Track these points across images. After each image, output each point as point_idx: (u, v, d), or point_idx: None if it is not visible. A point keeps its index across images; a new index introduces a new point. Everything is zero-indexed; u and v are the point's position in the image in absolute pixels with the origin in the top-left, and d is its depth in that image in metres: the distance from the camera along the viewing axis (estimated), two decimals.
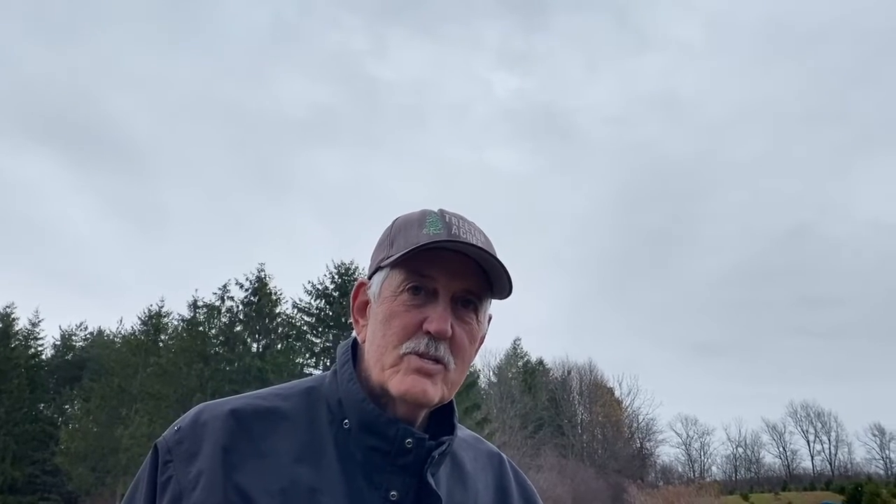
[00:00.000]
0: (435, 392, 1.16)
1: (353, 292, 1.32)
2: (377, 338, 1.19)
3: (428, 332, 1.15)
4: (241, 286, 46.31)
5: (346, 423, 1.18)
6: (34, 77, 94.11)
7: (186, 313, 47.09)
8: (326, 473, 1.13)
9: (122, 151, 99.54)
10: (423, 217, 1.24)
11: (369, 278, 1.27)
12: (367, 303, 1.27)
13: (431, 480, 1.16)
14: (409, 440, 1.14)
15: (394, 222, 1.29)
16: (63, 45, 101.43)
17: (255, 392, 1.26)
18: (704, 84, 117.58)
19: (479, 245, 1.16)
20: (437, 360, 1.16)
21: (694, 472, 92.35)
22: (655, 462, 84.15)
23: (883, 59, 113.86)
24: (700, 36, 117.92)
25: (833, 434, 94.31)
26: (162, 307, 53.13)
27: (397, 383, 1.15)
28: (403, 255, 1.15)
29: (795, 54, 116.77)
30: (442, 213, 1.25)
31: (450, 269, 1.18)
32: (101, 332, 67.32)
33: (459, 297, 1.19)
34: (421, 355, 1.15)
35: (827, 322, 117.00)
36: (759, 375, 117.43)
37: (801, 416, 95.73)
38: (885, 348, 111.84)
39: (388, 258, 1.21)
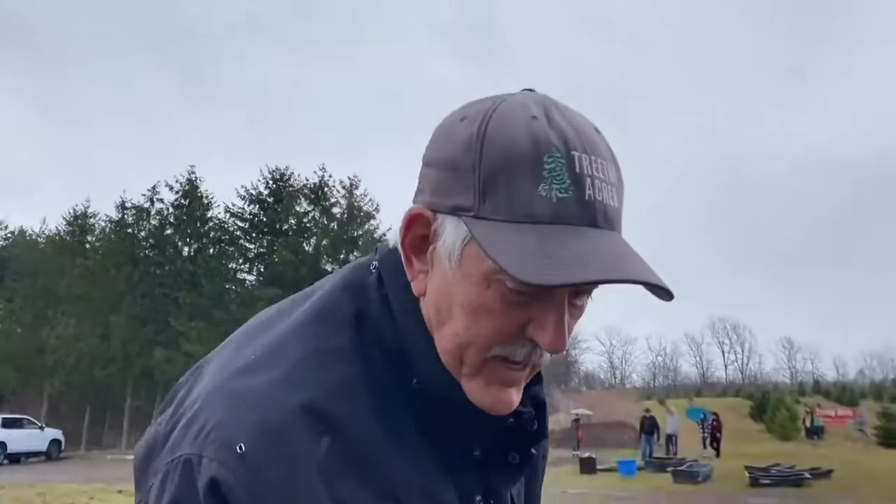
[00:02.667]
0: (518, 398, 0.85)
1: (405, 219, 0.84)
2: (456, 325, 0.80)
3: (531, 340, 0.78)
4: (171, 188, 45.14)
5: (414, 383, 0.84)
6: None
7: (114, 215, 45.84)
8: (415, 458, 0.82)
9: (37, 43, 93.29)
10: (537, 154, 0.73)
11: (434, 214, 0.80)
12: (425, 239, 0.82)
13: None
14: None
15: (484, 137, 0.75)
16: None
17: (291, 327, 0.84)
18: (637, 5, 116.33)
19: (617, 227, 0.78)
20: (528, 366, 0.83)
21: (615, 378, 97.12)
22: (579, 369, 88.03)
23: None
24: None
25: (746, 345, 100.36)
26: (88, 208, 51.49)
27: (477, 392, 0.82)
28: (516, 272, 0.69)
29: None
30: (568, 150, 0.73)
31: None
32: (22, 231, 64.85)
33: (583, 290, 0.80)
34: (511, 364, 0.81)
35: (754, 246, 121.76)
36: (686, 292, 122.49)
37: (718, 328, 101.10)
38: (801, 270, 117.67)
39: (482, 218, 0.74)
